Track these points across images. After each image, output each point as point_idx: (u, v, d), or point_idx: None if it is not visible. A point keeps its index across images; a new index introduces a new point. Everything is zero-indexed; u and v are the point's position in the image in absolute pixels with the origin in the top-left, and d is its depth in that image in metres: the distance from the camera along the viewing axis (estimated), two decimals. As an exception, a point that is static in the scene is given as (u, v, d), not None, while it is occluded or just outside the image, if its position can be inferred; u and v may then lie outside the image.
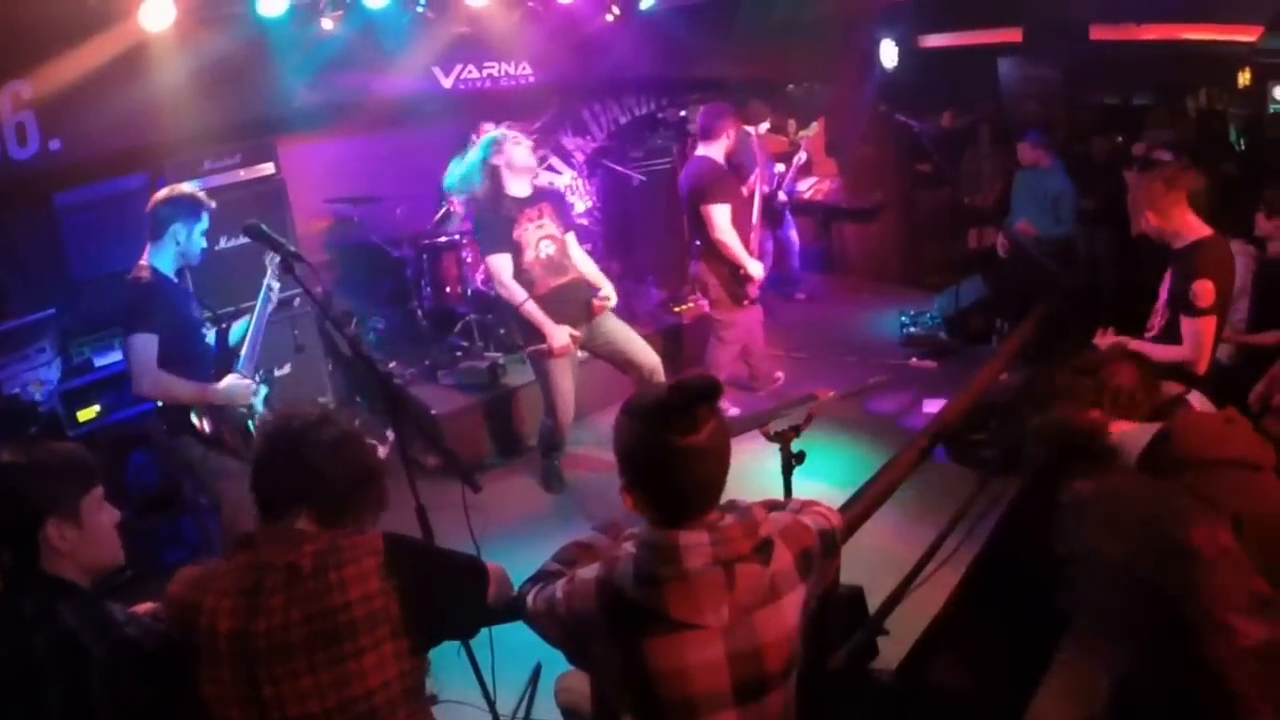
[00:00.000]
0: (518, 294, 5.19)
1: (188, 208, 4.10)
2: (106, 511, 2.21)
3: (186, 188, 4.22)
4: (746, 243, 6.20)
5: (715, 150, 6.16)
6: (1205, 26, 7.93)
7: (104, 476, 2.23)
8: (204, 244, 4.20)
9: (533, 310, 5.19)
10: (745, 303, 6.30)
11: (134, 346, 3.92)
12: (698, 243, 6.34)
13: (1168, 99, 9.55)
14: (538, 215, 5.31)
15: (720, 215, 6.02)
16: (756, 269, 6.18)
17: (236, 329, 4.37)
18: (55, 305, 5.69)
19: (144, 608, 2.21)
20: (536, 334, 5.27)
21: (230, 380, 4.11)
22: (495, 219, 5.22)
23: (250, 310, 4.34)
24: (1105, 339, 4.50)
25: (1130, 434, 2.87)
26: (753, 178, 6.55)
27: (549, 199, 5.48)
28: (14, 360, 5.35)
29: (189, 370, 4.05)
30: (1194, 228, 4.21)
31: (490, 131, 7.45)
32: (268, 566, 1.99)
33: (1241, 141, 8.78)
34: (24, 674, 1.90)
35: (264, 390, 4.30)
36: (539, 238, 5.29)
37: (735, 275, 6.18)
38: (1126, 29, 8.26)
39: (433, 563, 2.25)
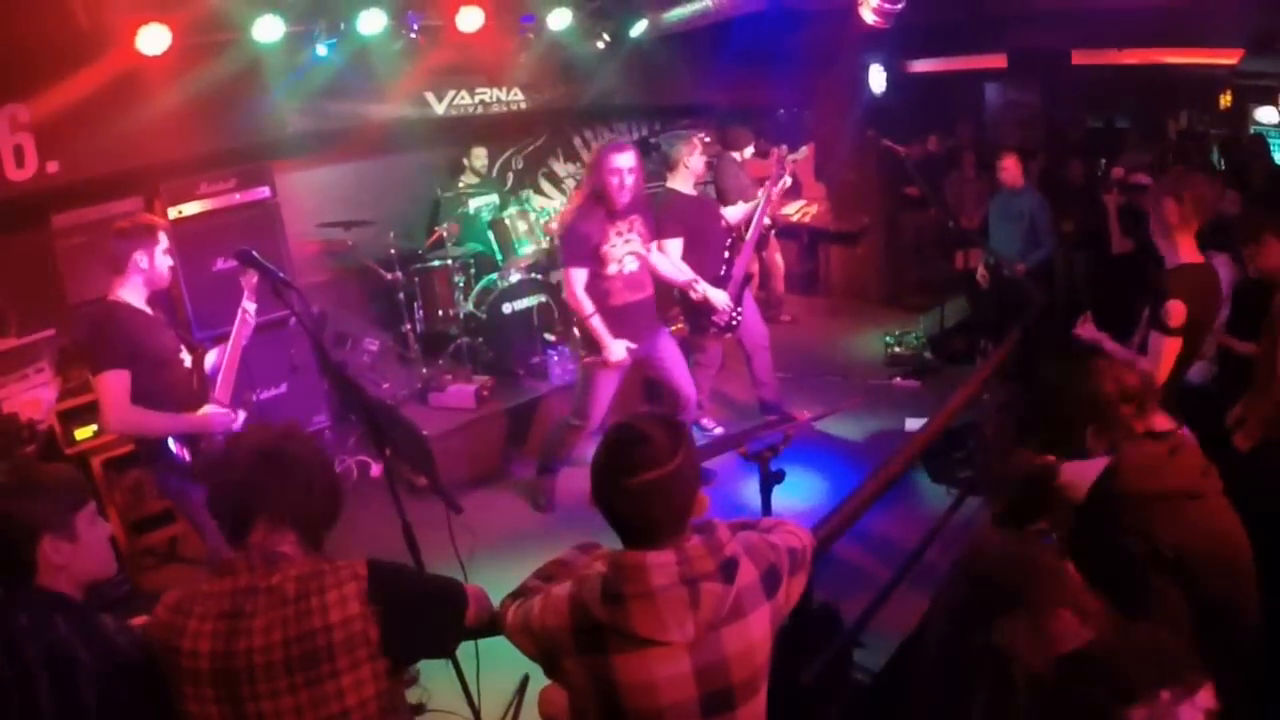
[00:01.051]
0: (586, 307, 5.23)
1: (143, 233, 3.99)
2: (99, 526, 2.29)
3: (142, 217, 4.15)
4: (718, 271, 6.09)
5: (677, 181, 6.08)
6: (1185, 50, 8.07)
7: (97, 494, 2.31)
8: (169, 263, 4.08)
9: (597, 325, 5.24)
10: (712, 331, 6.18)
11: (101, 385, 3.83)
12: None
13: (1149, 121, 9.70)
14: (628, 229, 5.28)
15: (669, 248, 5.90)
16: (718, 298, 5.96)
17: (211, 355, 4.26)
18: (53, 326, 5.73)
19: (138, 621, 2.27)
20: (596, 345, 5.32)
21: (208, 410, 4.03)
22: (577, 233, 5.21)
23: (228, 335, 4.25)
24: (1084, 328, 4.64)
25: (1077, 473, 2.97)
26: (748, 205, 6.50)
27: (640, 210, 5.38)
28: (12, 380, 5.39)
29: (164, 401, 3.95)
30: (1186, 252, 4.37)
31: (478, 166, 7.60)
32: (249, 590, 2.03)
33: (1221, 162, 8.93)
34: (17, 683, 1.96)
35: (242, 416, 4.20)
36: (625, 253, 5.28)
37: (698, 305, 6.04)
38: (1108, 54, 8.40)
39: (414, 589, 2.28)
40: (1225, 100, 9.10)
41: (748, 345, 6.49)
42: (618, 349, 5.26)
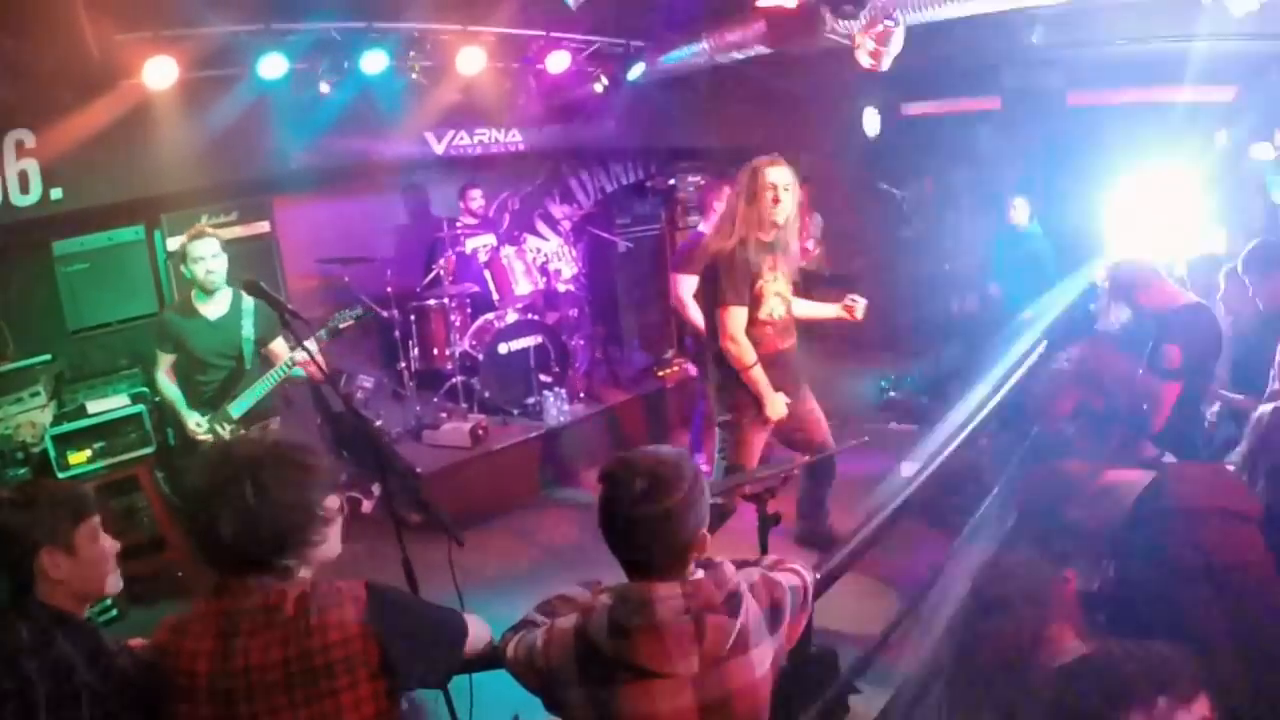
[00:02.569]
0: (748, 355, 4.57)
1: (181, 248, 4.75)
2: (102, 542, 2.26)
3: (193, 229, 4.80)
4: None
5: (708, 224, 6.12)
6: (1180, 89, 8.14)
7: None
8: (200, 273, 4.71)
9: (758, 376, 4.59)
10: None
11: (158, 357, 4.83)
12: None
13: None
14: (774, 265, 4.68)
15: (683, 284, 5.89)
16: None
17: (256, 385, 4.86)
18: (51, 351, 5.80)
19: (136, 643, 2.25)
20: (742, 401, 4.72)
21: (192, 415, 4.77)
22: (736, 264, 4.53)
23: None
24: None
25: (1123, 482, 2.93)
26: None
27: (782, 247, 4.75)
28: (8, 402, 5.43)
29: (192, 394, 4.80)
30: (1176, 296, 4.42)
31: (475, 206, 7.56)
32: (245, 610, 2.01)
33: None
34: (16, 697, 1.93)
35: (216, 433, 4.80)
36: (773, 292, 4.67)
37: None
38: (1102, 94, 8.45)
39: (413, 612, 2.27)
40: (1221, 138, 9.15)
41: None
42: (778, 403, 4.66)
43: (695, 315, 5.75)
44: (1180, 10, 5.77)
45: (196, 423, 4.77)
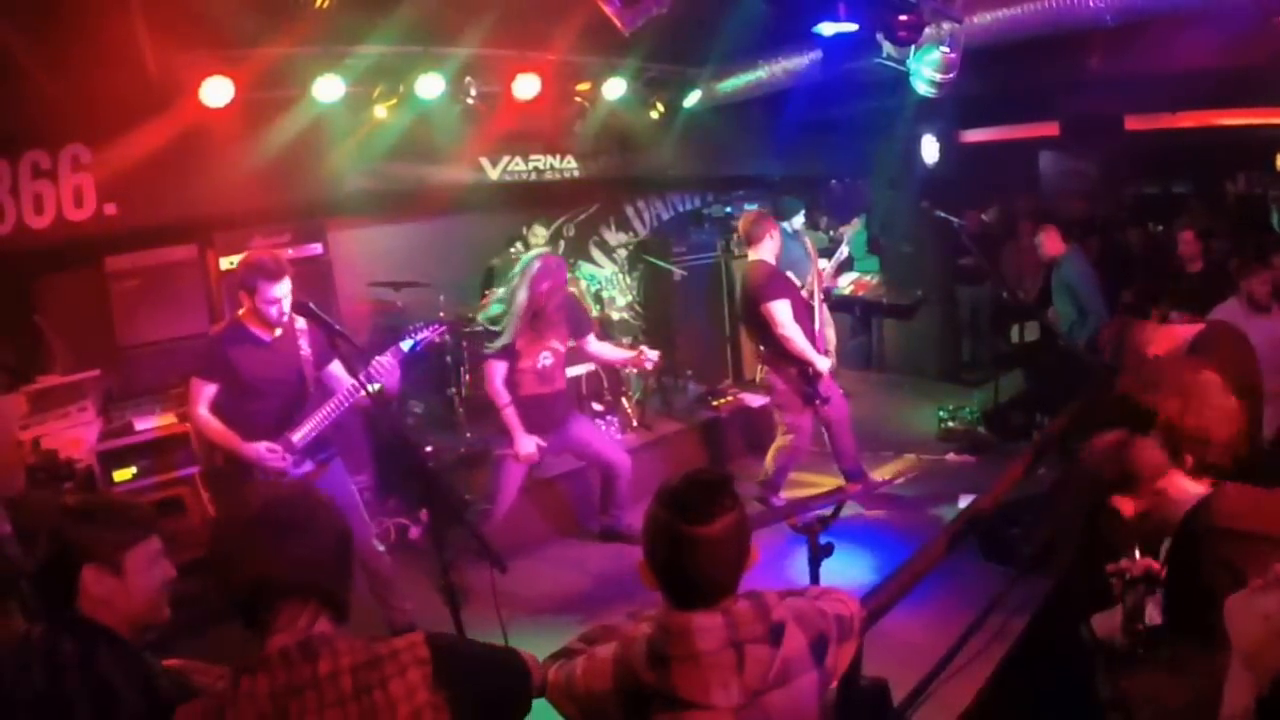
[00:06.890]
0: (502, 397, 5.43)
1: (248, 272, 4.20)
2: (158, 567, 2.22)
3: (265, 254, 4.34)
4: (810, 339, 6.05)
5: (764, 252, 6.11)
6: (1239, 111, 7.93)
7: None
8: (273, 314, 4.23)
9: (510, 416, 5.43)
10: (816, 402, 6.10)
11: (189, 387, 4.30)
12: (762, 348, 6.24)
13: (1206, 185, 9.55)
14: (541, 334, 5.48)
15: (781, 311, 5.93)
16: (824, 364, 6.03)
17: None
18: (100, 367, 5.85)
19: (173, 663, 2.24)
20: (507, 437, 5.48)
21: (260, 445, 4.21)
22: (510, 326, 5.40)
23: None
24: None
25: (1181, 490, 2.70)
26: (809, 276, 6.48)
27: (561, 309, 5.58)
28: (54, 417, 5.47)
29: (239, 423, 4.23)
30: (1179, 338, 4.28)
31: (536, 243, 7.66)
32: (290, 689, 1.75)
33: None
34: (56, 711, 1.92)
35: (306, 468, 4.39)
36: (541, 349, 5.50)
37: (803, 374, 6.04)
38: (1161, 118, 8.29)
39: (480, 665, 2.08)
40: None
41: (834, 417, 6.35)
42: (527, 443, 5.45)
43: (802, 341, 5.99)
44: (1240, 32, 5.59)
45: (269, 448, 4.23)
